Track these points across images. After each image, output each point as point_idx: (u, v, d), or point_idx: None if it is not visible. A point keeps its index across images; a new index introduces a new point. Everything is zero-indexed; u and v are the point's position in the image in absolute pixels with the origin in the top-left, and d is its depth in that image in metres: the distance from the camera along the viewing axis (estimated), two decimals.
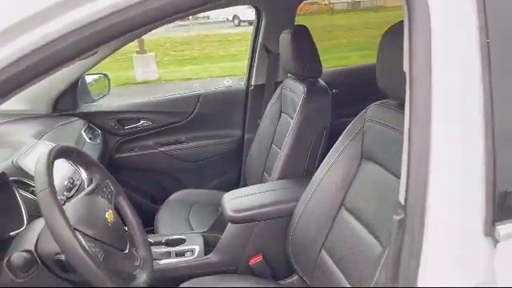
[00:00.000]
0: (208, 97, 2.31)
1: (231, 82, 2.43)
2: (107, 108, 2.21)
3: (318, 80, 1.75)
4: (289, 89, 1.85)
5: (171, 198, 2.02)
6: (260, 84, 2.28)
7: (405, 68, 0.68)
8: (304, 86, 1.69)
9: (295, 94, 1.76)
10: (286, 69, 1.87)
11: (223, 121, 2.32)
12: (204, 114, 2.29)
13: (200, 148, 2.29)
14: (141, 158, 2.24)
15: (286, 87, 1.88)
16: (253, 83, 2.30)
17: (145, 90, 7.53)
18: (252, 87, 2.30)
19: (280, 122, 1.89)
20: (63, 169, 1.37)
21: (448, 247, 0.64)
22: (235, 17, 16.61)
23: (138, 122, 2.21)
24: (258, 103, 2.27)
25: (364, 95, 1.18)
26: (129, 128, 2.20)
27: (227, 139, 2.32)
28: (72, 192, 1.31)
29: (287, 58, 1.73)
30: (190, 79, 8.28)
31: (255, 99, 2.29)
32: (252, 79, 2.30)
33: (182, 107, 2.28)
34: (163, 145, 2.27)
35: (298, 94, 1.71)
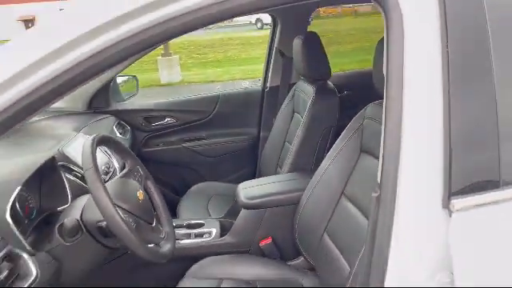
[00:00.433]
0: (227, 97, 2.45)
1: (248, 84, 2.57)
2: (136, 106, 2.37)
3: (327, 82, 1.86)
4: (301, 90, 1.95)
5: (192, 190, 2.17)
6: (275, 86, 2.40)
7: (384, 71, 0.82)
8: (313, 88, 1.80)
9: (306, 95, 1.86)
10: (298, 71, 1.97)
11: (241, 119, 2.45)
12: (223, 113, 2.42)
13: (219, 144, 2.42)
14: (165, 153, 2.38)
15: (299, 89, 1.99)
16: (268, 85, 2.42)
17: (168, 92, 7.69)
18: (267, 89, 2.42)
19: (293, 121, 1.99)
20: (99, 157, 1.56)
21: (414, 218, 0.78)
22: (258, 20, 16.74)
23: (164, 120, 2.36)
24: (273, 103, 2.38)
25: (374, 96, 1.25)
26: (155, 125, 2.36)
27: (244, 137, 2.44)
28: (107, 176, 1.50)
29: (299, 61, 1.85)
30: (213, 82, 8.37)
31: (270, 100, 2.41)
32: (268, 81, 2.42)
33: (204, 107, 2.42)
34: (186, 141, 2.41)
35: (308, 95, 1.82)
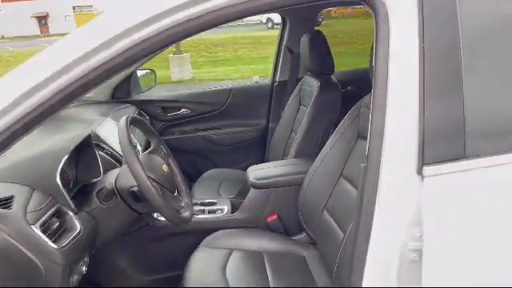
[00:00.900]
0: (239, 90, 2.61)
1: (259, 78, 2.74)
2: (154, 97, 2.55)
3: (331, 77, 2.01)
4: (307, 84, 2.10)
5: (204, 176, 2.33)
6: (283, 80, 2.55)
7: (373, 62, 0.98)
8: (318, 81, 1.95)
9: (311, 88, 2.01)
10: (305, 66, 2.12)
11: (251, 111, 2.59)
12: (235, 105, 2.58)
13: (230, 134, 2.59)
14: (180, 141, 2.55)
15: (305, 83, 2.14)
16: (277, 79, 2.57)
17: (179, 89, 7.90)
18: (276, 83, 2.58)
19: (299, 113, 2.14)
20: None
21: (394, 183, 0.94)
22: (269, 20, 16.82)
23: (179, 110, 2.54)
24: (281, 97, 2.52)
25: None
26: (171, 115, 2.53)
27: (254, 127, 2.60)
28: None
29: (305, 57, 2.01)
30: (223, 80, 8.51)
31: (279, 93, 2.56)
32: (277, 76, 2.58)
33: (217, 99, 2.58)
34: (199, 130, 2.58)
35: (313, 88, 1.97)
